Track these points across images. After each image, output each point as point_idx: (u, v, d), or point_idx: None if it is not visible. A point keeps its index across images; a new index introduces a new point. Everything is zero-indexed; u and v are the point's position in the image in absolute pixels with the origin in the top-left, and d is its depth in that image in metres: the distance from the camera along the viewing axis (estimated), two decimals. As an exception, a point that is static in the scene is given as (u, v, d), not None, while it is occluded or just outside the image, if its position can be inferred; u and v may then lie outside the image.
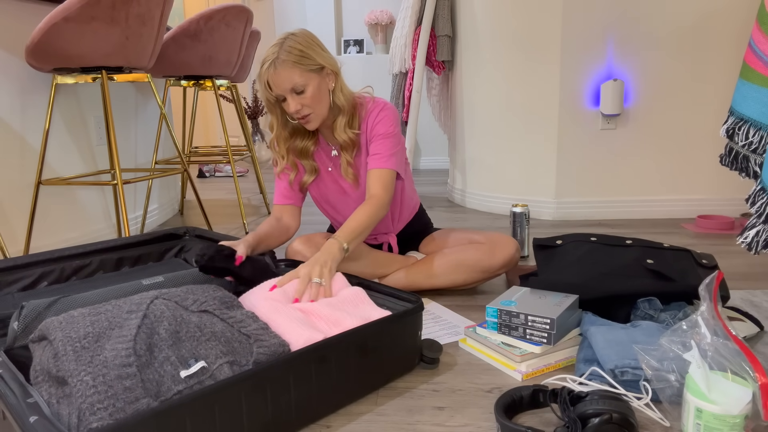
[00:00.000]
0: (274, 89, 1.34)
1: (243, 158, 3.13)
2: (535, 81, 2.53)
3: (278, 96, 1.36)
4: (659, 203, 2.52)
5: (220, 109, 2.68)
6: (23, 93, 1.89)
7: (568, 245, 1.41)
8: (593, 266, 1.30)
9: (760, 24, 1.18)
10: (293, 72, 1.30)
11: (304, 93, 1.33)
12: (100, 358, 0.83)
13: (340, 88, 1.40)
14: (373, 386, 1.08)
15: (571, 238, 1.45)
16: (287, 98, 1.34)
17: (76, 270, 1.46)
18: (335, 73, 1.39)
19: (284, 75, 1.31)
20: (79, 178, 2.09)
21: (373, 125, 1.45)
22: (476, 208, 2.86)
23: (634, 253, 1.32)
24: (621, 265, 1.28)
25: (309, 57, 1.32)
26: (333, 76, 1.39)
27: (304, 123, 1.39)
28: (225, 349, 0.93)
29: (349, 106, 1.43)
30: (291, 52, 1.30)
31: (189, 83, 2.63)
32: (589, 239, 1.42)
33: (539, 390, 0.96)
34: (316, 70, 1.34)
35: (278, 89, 1.33)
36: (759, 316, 1.31)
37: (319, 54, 1.35)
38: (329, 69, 1.37)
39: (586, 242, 1.41)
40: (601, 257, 1.33)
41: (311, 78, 1.33)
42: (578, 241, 1.42)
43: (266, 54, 1.33)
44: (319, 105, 1.36)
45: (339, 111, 1.42)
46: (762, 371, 0.87)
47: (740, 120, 1.22)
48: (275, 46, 1.32)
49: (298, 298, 1.15)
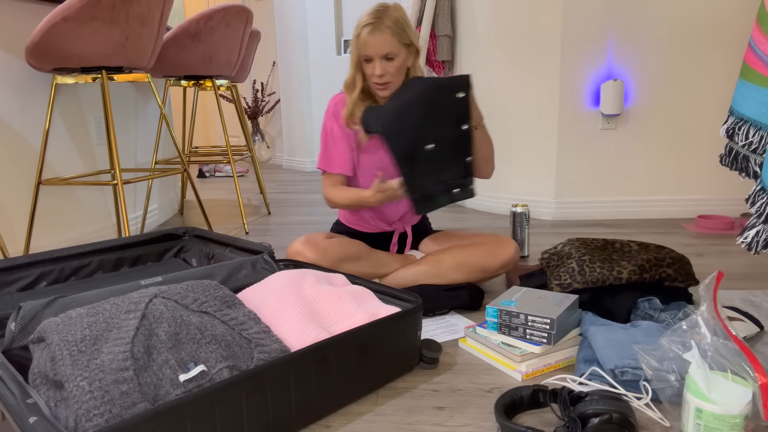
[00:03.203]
0: (368, 50, 1.42)
1: (243, 158, 3.13)
2: (535, 81, 2.53)
3: (367, 57, 1.43)
4: (659, 203, 2.52)
5: (220, 109, 2.68)
6: (23, 93, 1.89)
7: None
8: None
9: (760, 24, 1.18)
10: (392, 40, 1.41)
11: (392, 61, 1.42)
12: (97, 362, 0.83)
13: (417, 67, 1.52)
14: (373, 386, 1.08)
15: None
16: (375, 61, 1.42)
17: (75, 270, 1.46)
18: (417, 53, 1.49)
19: (383, 40, 1.40)
20: (79, 178, 2.09)
21: None
22: (476, 208, 2.86)
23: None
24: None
25: (405, 31, 1.43)
26: (415, 55, 1.49)
27: (381, 88, 1.47)
28: (225, 353, 0.93)
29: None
30: (393, 20, 1.41)
31: (189, 83, 2.63)
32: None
33: (539, 390, 0.96)
34: (407, 44, 1.44)
35: (373, 51, 1.41)
36: (759, 316, 1.31)
37: (412, 31, 1.46)
38: (415, 47, 1.48)
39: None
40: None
41: (402, 50, 1.43)
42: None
43: (366, 18, 1.41)
44: (399, 76, 1.46)
45: None
46: (762, 371, 0.87)
47: (740, 120, 1.22)
48: (378, 12, 1.41)
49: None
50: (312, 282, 1.19)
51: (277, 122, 5.17)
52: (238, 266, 1.32)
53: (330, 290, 1.16)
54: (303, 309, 1.09)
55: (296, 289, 1.16)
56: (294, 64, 4.60)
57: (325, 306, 1.12)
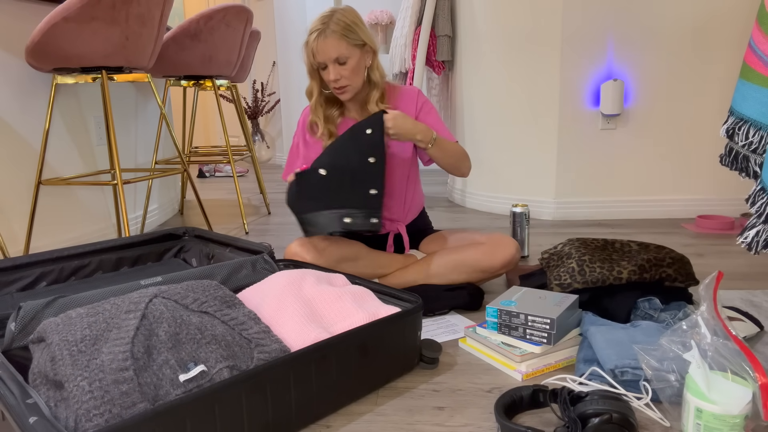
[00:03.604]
0: (318, 57, 1.44)
1: (243, 158, 3.13)
2: (535, 81, 2.53)
3: (320, 64, 1.45)
4: (659, 203, 2.52)
5: (220, 109, 2.68)
6: (23, 93, 1.89)
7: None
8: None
9: (760, 24, 1.18)
10: (340, 43, 1.41)
11: (345, 65, 1.44)
12: (97, 362, 0.83)
13: (376, 66, 1.51)
14: (373, 386, 1.08)
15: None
16: (329, 67, 1.44)
17: (75, 270, 1.46)
18: (374, 51, 1.51)
19: (331, 45, 1.41)
20: (79, 178, 2.09)
21: (421, 104, 1.58)
22: (476, 208, 2.86)
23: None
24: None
25: (355, 32, 1.44)
26: (371, 54, 1.50)
27: (339, 93, 1.49)
28: (225, 353, 0.93)
29: (381, 84, 1.54)
30: (340, 24, 1.42)
31: (189, 83, 2.63)
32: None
33: (539, 390, 0.96)
34: (359, 45, 1.45)
35: (322, 57, 1.43)
36: (759, 316, 1.31)
37: (363, 32, 1.46)
38: (369, 47, 1.48)
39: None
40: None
41: (354, 52, 1.44)
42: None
43: (314, 24, 1.44)
44: (356, 78, 1.47)
45: (374, 87, 1.53)
46: (762, 371, 0.87)
47: (740, 120, 1.22)
48: (324, 18, 1.43)
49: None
50: (312, 282, 1.19)
51: (277, 122, 5.17)
52: (238, 266, 1.32)
53: (330, 290, 1.16)
54: (303, 309, 1.09)
55: (296, 289, 1.16)
56: (294, 64, 4.60)
57: (325, 306, 1.12)
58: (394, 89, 1.59)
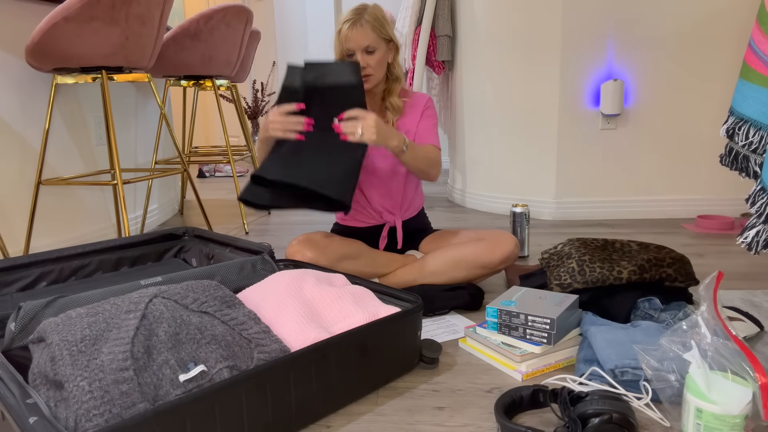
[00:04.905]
0: (349, 44, 1.50)
1: (243, 158, 3.13)
2: (535, 81, 2.53)
3: (349, 51, 1.52)
4: (659, 203, 2.52)
5: (220, 109, 2.68)
6: (23, 93, 1.89)
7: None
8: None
9: (760, 24, 1.18)
10: (372, 34, 1.50)
11: (373, 54, 1.51)
12: (97, 362, 0.83)
13: (397, 63, 1.61)
14: (373, 386, 1.08)
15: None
16: (357, 54, 1.51)
17: (75, 270, 1.46)
18: (397, 49, 1.59)
19: (363, 34, 1.49)
20: (79, 178, 2.09)
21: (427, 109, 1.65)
22: (476, 208, 2.86)
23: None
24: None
25: (384, 27, 1.53)
26: (395, 52, 1.59)
27: (363, 81, 1.51)
28: (225, 353, 0.93)
29: (401, 79, 1.63)
30: (372, 16, 1.51)
31: (189, 83, 2.63)
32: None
33: (539, 390, 0.96)
34: (386, 40, 1.54)
35: (354, 44, 1.50)
36: (759, 316, 1.31)
37: (390, 28, 1.56)
38: (394, 44, 1.57)
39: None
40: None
41: (381, 44, 1.53)
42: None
43: (347, 15, 1.52)
44: (380, 69, 1.55)
45: (393, 81, 1.62)
46: (762, 371, 0.87)
47: (740, 120, 1.22)
48: (358, 9, 1.52)
49: (339, 124, 1.37)
50: (312, 282, 1.19)
51: (277, 122, 5.16)
52: (238, 266, 1.32)
53: (330, 290, 1.16)
54: (303, 309, 1.09)
55: (296, 290, 1.16)
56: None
57: (325, 306, 1.12)
58: (407, 92, 1.66)
